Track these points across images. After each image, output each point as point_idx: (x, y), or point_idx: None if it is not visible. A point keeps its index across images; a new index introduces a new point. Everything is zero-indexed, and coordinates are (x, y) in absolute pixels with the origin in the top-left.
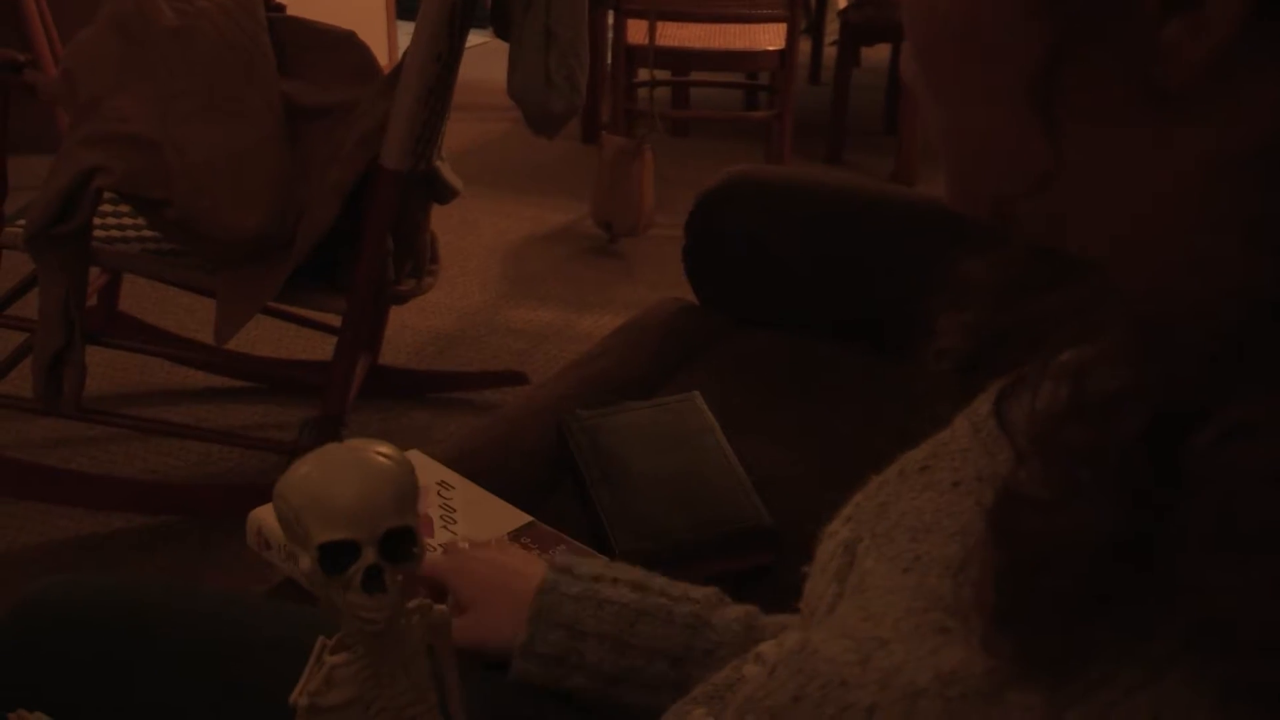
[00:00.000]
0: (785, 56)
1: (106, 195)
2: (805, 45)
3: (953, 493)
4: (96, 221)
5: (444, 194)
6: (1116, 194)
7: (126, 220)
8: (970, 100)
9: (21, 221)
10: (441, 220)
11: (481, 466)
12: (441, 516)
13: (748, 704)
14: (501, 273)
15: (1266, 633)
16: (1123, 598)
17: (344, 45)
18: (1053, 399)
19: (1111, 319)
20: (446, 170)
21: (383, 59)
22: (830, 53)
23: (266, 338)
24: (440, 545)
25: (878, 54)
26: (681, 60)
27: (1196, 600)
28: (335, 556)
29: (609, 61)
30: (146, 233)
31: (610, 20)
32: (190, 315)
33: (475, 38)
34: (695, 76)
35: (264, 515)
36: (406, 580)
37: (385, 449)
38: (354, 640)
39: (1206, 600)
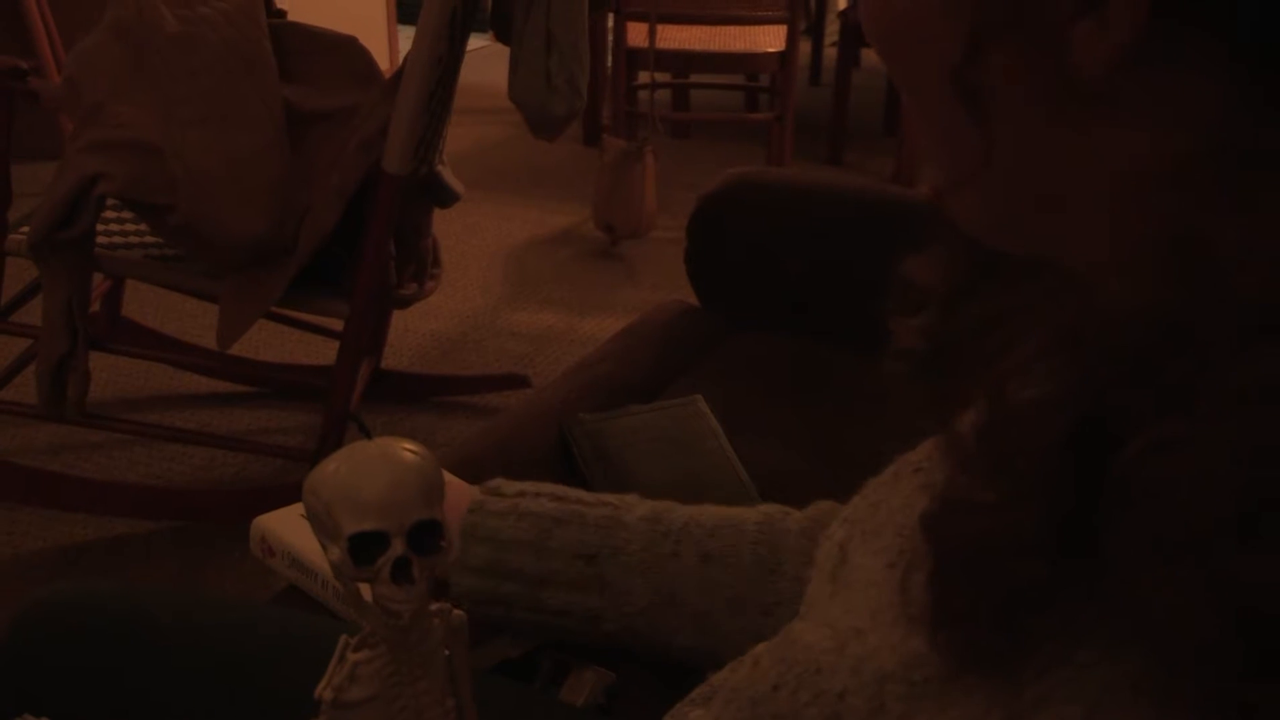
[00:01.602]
0: (785, 58)
1: (109, 201)
2: (805, 46)
3: None
4: (99, 228)
5: (445, 198)
6: (1054, 192)
7: (129, 226)
8: (911, 90)
9: (25, 228)
10: (443, 224)
11: (484, 470)
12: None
13: (732, 694)
14: (503, 276)
15: (1197, 639)
16: (1067, 593)
17: (345, 50)
18: (983, 405)
19: (1038, 324)
20: (448, 174)
21: (384, 63)
22: (830, 54)
23: (269, 342)
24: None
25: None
26: (682, 62)
27: (1129, 607)
28: (364, 548)
29: (610, 64)
30: (149, 238)
31: (610, 23)
32: (193, 320)
33: (476, 41)
34: (696, 79)
35: (268, 522)
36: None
37: (411, 445)
38: (377, 638)
39: (1137, 607)
